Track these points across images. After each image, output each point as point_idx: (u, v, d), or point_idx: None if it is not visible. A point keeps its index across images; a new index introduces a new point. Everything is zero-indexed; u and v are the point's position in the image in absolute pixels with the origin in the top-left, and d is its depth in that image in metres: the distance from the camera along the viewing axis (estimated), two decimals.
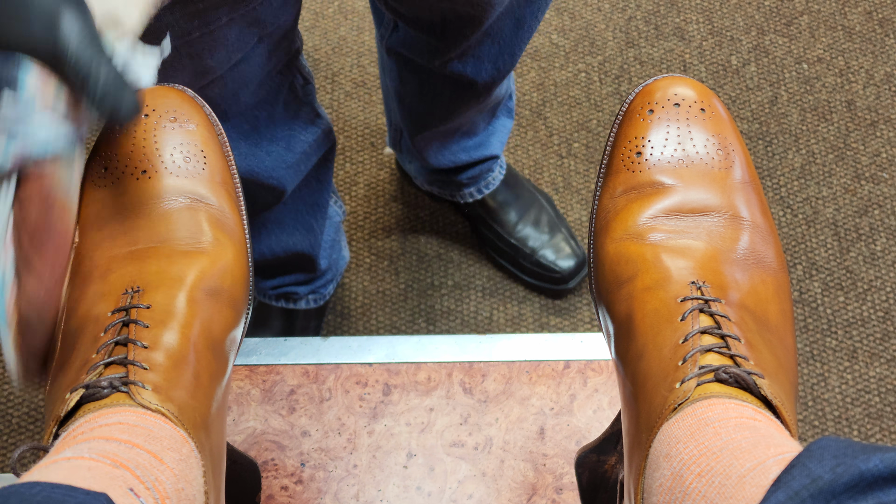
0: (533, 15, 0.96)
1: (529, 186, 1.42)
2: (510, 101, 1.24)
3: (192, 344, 0.52)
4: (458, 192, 1.36)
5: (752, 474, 0.43)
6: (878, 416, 1.35)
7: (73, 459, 0.44)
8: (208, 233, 0.56)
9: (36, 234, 0.49)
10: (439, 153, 1.23)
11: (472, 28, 0.92)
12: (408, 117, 1.17)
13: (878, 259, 1.45)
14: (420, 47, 1.00)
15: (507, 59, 1.00)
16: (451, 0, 0.87)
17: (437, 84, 1.05)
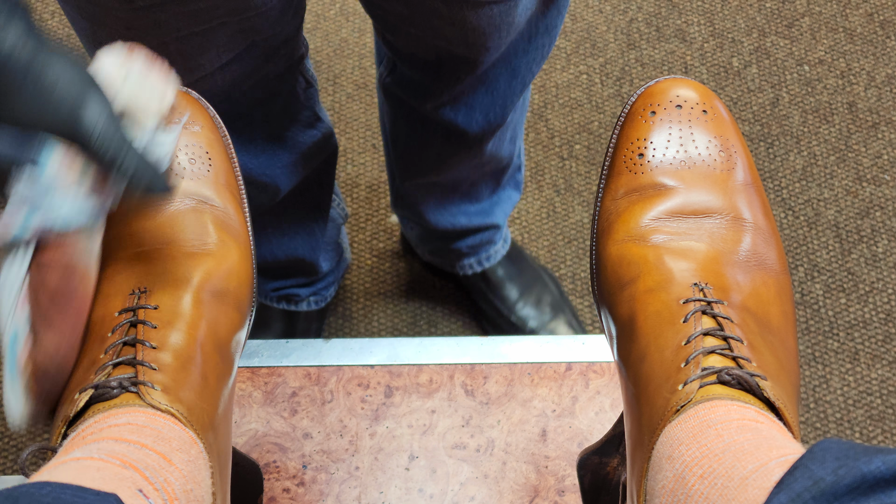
0: (528, 67, 0.96)
1: (534, 263, 1.37)
2: (518, 174, 1.22)
3: (199, 345, 0.52)
4: (457, 263, 1.32)
5: (755, 476, 0.43)
6: (880, 418, 1.35)
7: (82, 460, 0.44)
8: (213, 234, 0.56)
9: (56, 297, 0.51)
10: (437, 212, 1.21)
11: (467, 71, 0.92)
12: (399, 161, 1.16)
13: (880, 261, 1.45)
14: (414, 88, 1.00)
15: (497, 111, 1.00)
16: (446, 39, 0.87)
17: (430, 129, 1.04)
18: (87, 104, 0.47)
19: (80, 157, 0.49)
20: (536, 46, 0.94)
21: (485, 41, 0.87)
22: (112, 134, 0.48)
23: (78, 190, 0.49)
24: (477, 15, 0.83)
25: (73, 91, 0.47)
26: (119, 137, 0.48)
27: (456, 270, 1.34)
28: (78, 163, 0.49)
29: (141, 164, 0.48)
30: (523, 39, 0.92)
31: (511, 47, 0.91)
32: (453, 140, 1.04)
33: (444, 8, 0.82)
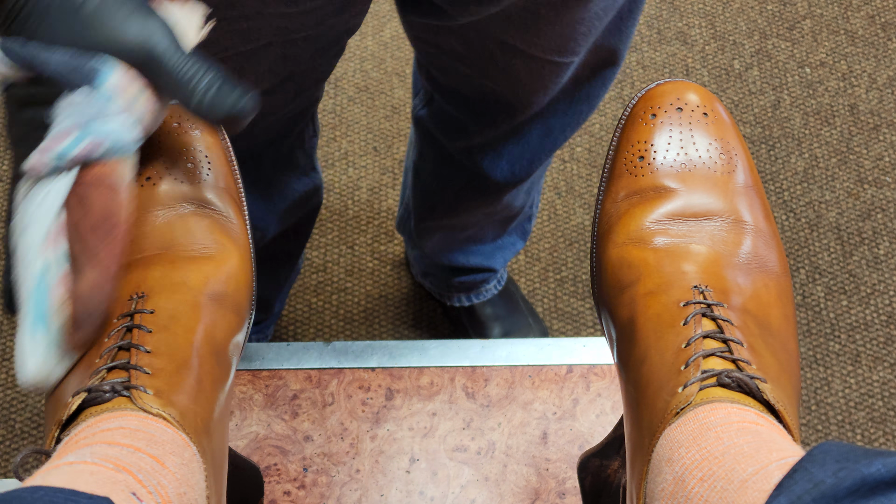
0: (562, 129, 0.95)
1: (524, 307, 1.36)
2: (528, 224, 1.21)
3: (195, 349, 0.52)
4: (447, 294, 1.32)
5: (755, 479, 0.43)
6: (881, 420, 1.35)
7: (75, 464, 0.44)
8: (213, 239, 0.56)
9: (102, 224, 0.49)
10: (438, 247, 1.21)
11: (505, 118, 0.91)
12: (419, 196, 1.15)
13: (882, 263, 1.45)
14: (448, 125, 0.99)
15: (524, 165, 0.99)
16: (495, 81, 0.86)
17: (454, 170, 1.04)
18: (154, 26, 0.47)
19: (136, 80, 0.47)
20: (575, 112, 0.94)
21: (529, 95, 0.87)
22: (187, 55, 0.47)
23: (130, 114, 0.48)
24: (528, 68, 0.82)
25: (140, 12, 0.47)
26: (194, 58, 0.47)
27: (444, 300, 1.34)
28: (134, 86, 0.47)
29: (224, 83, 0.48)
30: (565, 102, 0.92)
31: (551, 106, 0.91)
32: (475, 185, 1.03)
33: (498, 52, 0.81)
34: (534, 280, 1.44)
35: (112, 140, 0.48)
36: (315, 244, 1.46)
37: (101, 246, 0.49)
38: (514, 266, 1.45)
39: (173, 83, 0.47)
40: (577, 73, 0.88)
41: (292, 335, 1.41)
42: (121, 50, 0.47)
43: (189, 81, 0.47)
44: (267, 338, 1.31)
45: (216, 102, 0.48)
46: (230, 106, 0.48)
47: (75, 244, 0.48)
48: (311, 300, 1.43)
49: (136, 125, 0.48)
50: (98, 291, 0.49)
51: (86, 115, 0.47)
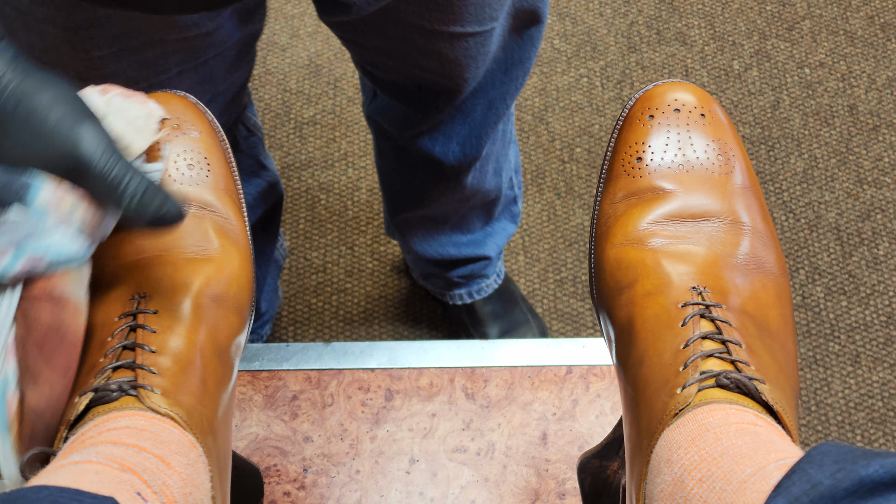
0: (502, 98, 0.97)
1: (523, 305, 1.37)
2: (514, 206, 1.22)
3: (199, 349, 0.52)
4: (447, 292, 1.32)
5: (753, 480, 0.43)
6: (881, 420, 1.35)
7: (80, 463, 0.44)
8: (214, 240, 0.56)
9: (47, 340, 0.49)
10: (425, 242, 1.21)
11: (447, 100, 0.93)
12: (387, 192, 1.17)
13: (881, 263, 1.45)
14: (394, 117, 1.00)
15: (473, 143, 1.00)
16: (423, 68, 0.88)
17: (411, 161, 1.05)
18: (84, 131, 0.45)
19: (70, 192, 0.46)
20: (511, 78, 0.95)
21: (462, 72, 0.88)
22: (115, 159, 0.46)
23: (68, 226, 0.47)
24: (452, 47, 0.84)
25: (69, 118, 0.45)
26: (122, 162, 0.46)
27: (445, 299, 1.34)
28: (68, 198, 0.46)
29: (150, 188, 0.47)
30: (500, 71, 0.93)
31: (488, 78, 0.93)
32: (431, 171, 1.05)
33: (420, 40, 0.82)
34: (533, 281, 1.44)
35: (53, 254, 0.47)
36: (315, 245, 1.47)
37: (45, 363, 0.48)
38: (514, 266, 1.45)
39: (101, 190, 0.46)
40: (504, 41, 0.89)
41: (292, 336, 1.41)
42: (48, 162, 0.45)
43: (116, 188, 0.46)
44: (262, 338, 1.31)
45: (143, 208, 0.47)
46: (156, 210, 0.47)
47: (22, 364, 0.48)
48: (311, 301, 1.43)
49: (79, 235, 0.47)
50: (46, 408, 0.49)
51: (21, 233, 0.46)
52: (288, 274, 1.45)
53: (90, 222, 0.48)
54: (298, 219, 1.48)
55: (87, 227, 0.48)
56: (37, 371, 0.48)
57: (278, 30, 1.63)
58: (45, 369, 0.48)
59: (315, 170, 1.52)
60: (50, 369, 0.49)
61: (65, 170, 0.46)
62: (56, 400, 0.49)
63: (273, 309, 1.31)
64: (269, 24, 1.64)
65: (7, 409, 0.48)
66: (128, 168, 0.46)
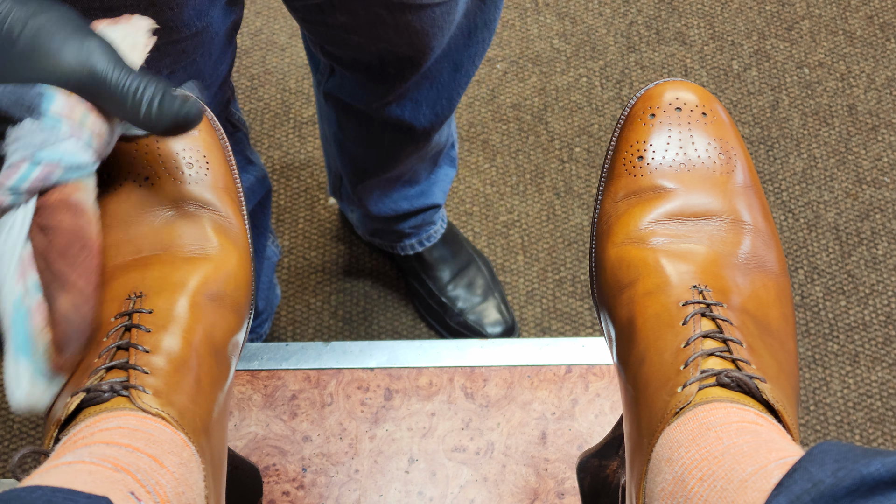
0: (470, 59, 0.97)
1: (468, 247, 1.40)
2: (452, 151, 1.23)
3: (194, 349, 0.52)
4: (398, 244, 1.34)
5: (754, 478, 0.43)
6: (880, 420, 1.35)
7: (73, 464, 0.44)
8: (213, 239, 0.56)
9: (70, 247, 0.50)
10: (380, 201, 1.23)
11: (411, 70, 0.93)
12: (349, 164, 1.17)
13: (880, 263, 1.45)
14: (358, 91, 1.00)
15: (444, 104, 1.01)
16: (389, 42, 0.87)
17: (377, 129, 1.05)
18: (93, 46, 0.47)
19: (81, 102, 0.48)
20: (477, 41, 0.95)
21: (428, 41, 0.88)
22: (127, 70, 0.47)
23: (79, 137, 0.48)
24: (419, 18, 0.84)
25: (76, 35, 0.47)
26: (134, 73, 0.48)
27: (396, 251, 1.36)
28: (80, 107, 0.48)
29: (167, 92, 0.48)
30: (463, 35, 0.93)
31: (452, 43, 0.93)
32: (401, 136, 1.05)
33: (386, 14, 0.82)
34: (532, 280, 1.44)
35: (65, 163, 0.48)
36: (314, 244, 1.46)
37: (71, 269, 0.49)
38: (513, 266, 1.45)
39: (118, 100, 0.48)
40: (467, 7, 0.89)
41: (291, 335, 1.41)
42: (60, 76, 0.47)
43: (133, 96, 0.47)
44: (261, 337, 1.31)
45: (163, 112, 0.48)
46: (177, 113, 0.48)
47: (44, 272, 0.49)
48: (310, 300, 1.43)
49: (88, 147, 0.49)
50: (76, 314, 0.50)
51: (34, 145, 0.47)
52: (287, 273, 1.45)
53: (99, 132, 0.49)
54: (297, 218, 1.48)
55: (96, 137, 0.49)
56: (63, 278, 0.49)
57: (277, 29, 1.63)
58: (71, 274, 0.49)
59: (314, 169, 1.52)
60: (77, 275, 0.50)
61: (77, 84, 0.47)
62: (85, 304, 0.50)
63: (272, 307, 1.31)
64: (269, 24, 1.63)
65: (32, 320, 0.49)
66: (141, 76, 0.48)
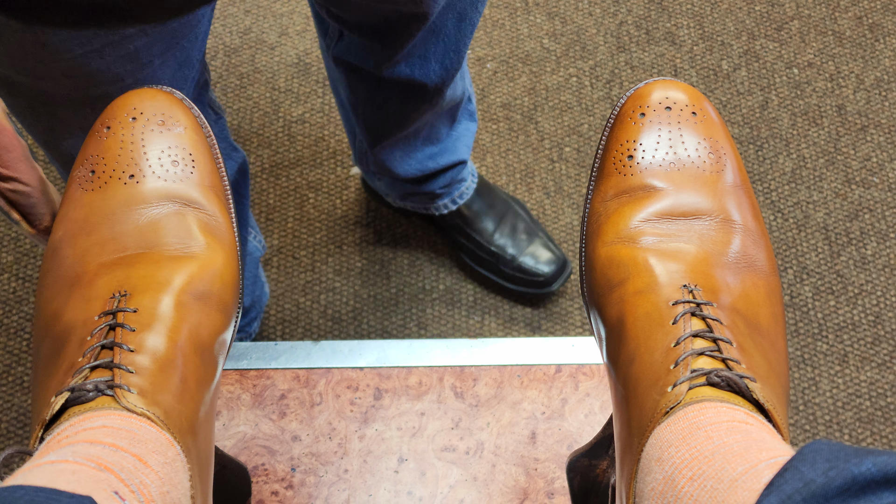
0: (473, 6, 0.96)
1: (502, 194, 1.41)
2: (470, 105, 1.24)
3: (179, 348, 0.51)
4: (431, 205, 1.35)
5: (745, 478, 0.43)
6: (868, 420, 1.35)
7: (57, 463, 0.44)
8: (198, 237, 0.55)
9: None
10: (404, 162, 1.23)
11: (417, 26, 0.92)
12: (364, 128, 1.17)
13: (869, 263, 1.45)
14: (366, 54, 1.00)
15: (452, 57, 1.00)
16: (393, 1, 0.87)
17: (388, 90, 1.05)
18: None
19: None
20: None
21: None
22: None
23: None
24: None
25: None
26: None
27: (431, 212, 1.37)
28: None
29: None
30: None
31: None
32: (413, 95, 1.05)
33: None
34: None
35: None
36: (303, 244, 1.46)
37: None
38: None
39: None
40: None
41: (280, 335, 1.40)
42: None
43: None
44: (250, 336, 1.30)
45: None
46: None
47: None
48: (300, 300, 1.42)
49: None
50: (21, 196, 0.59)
51: None
52: (276, 273, 1.44)
53: None
54: (287, 217, 1.48)
55: None
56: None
57: (267, 28, 1.62)
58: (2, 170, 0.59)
59: (304, 168, 1.51)
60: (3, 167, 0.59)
61: None
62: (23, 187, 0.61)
63: (260, 305, 1.30)
64: (258, 23, 1.63)
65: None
66: None
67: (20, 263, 1.41)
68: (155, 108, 0.57)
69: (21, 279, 1.39)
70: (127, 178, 0.56)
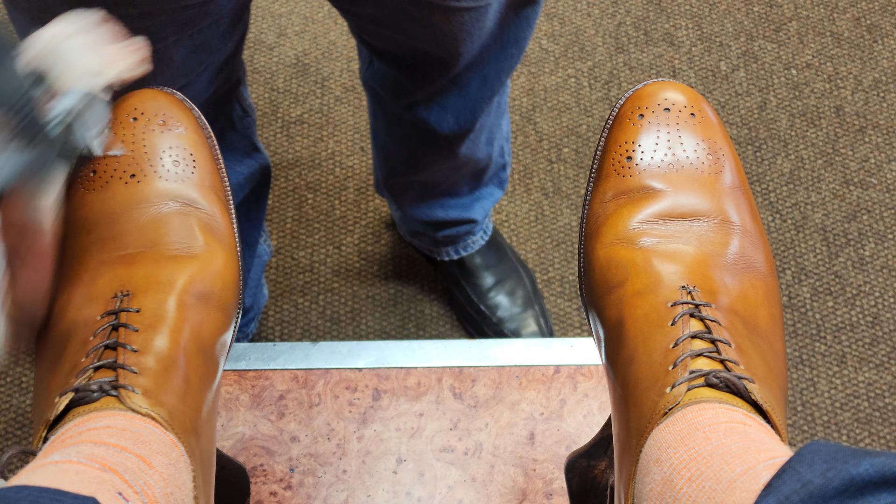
0: (497, 75, 0.97)
1: (513, 256, 1.39)
2: (503, 173, 1.23)
3: (182, 348, 0.52)
4: (435, 249, 1.34)
5: (743, 479, 0.43)
6: (867, 420, 1.35)
7: (61, 463, 0.44)
8: (199, 237, 0.56)
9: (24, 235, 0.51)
10: (415, 203, 1.23)
11: (440, 72, 0.93)
12: (381, 156, 1.18)
13: (867, 264, 1.45)
14: (390, 84, 1.01)
15: (467, 115, 1.01)
16: (417, 39, 0.88)
17: (406, 126, 1.06)
18: None
19: None
20: (507, 56, 0.96)
21: (457, 45, 0.88)
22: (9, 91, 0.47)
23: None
24: (448, 20, 0.84)
25: None
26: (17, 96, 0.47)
27: (434, 255, 1.36)
28: None
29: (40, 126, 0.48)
30: (495, 48, 0.94)
31: (483, 54, 0.93)
32: (426, 140, 1.06)
33: (414, 11, 0.83)
34: None
35: None
36: (302, 244, 1.46)
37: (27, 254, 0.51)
38: None
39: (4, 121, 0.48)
40: (501, 17, 0.89)
41: (279, 335, 1.40)
42: None
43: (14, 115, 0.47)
44: (248, 336, 1.30)
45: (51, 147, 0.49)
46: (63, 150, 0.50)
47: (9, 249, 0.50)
48: (298, 300, 1.42)
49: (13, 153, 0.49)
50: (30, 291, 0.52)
51: None
52: (275, 273, 1.44)
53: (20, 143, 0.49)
54: (286, 218, 1.48)
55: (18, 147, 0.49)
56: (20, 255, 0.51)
57: (266, 28, 1.63)
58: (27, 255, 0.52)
59: (302, 169, 1.52)
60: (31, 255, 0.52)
61: None
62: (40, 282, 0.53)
63: (258, 306, 1.30)
64: (257, 23, 1.63)
65: None
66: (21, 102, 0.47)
67: None
68: (156, 108, 0.57)
69: None
70: (128, 177, 0.56)
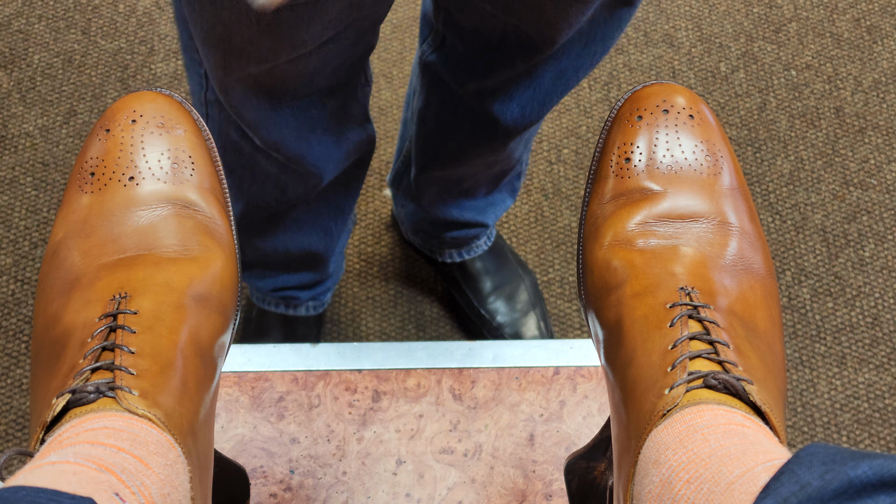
0: (574, 71, 0.95)
1: (514, 260, 1.38)
2: (517, 181, 1.22)
3: (180, 350, 0.52)
4: (438, 250, 1.33)
5: (741, 481, 0.43)
6: (867, 422, 1.35)
7: (58, 464, 0.44)
8: (197, 240, 0.56)
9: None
10: (436, 199, 1.21)
11: (524, 57, 0.91)
12: (421, 145, 1.14)
13: (867, 265, 1.45)
14: (461, 67, 0.98)
15: (535, 107, 0.98)
16: (520, 18, 0.85)
17: (460, 115, 1.03)
18: None
19: None
20: (589, 53, 0.93)
21: (554, 33, 0.86)
22: None
23: None
24: (556, 7, 0.82)
25: None
26: None
27: (435, 256, 1.35)
28: None
29: None
30: (580, 43, 0.91)
31: (565, 47, 0.91)
32: (481, 131, 1.03)
33: None
34: None
35: None
36: None
37: None
38: None
39: None
40: (594, 13, 0.87)
41: None
42: None
43: None
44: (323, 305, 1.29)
45: None
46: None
47: None
48: None
49: None
50: None
51: None
52: None
53: None
54: None
55: None
56: None
57: None
58: None
59: None
60: None
61: None
62: None
63: (337, 276, 1.29)
64: None
65: None
66: None
67: (19, 266, 1.41)
68: (154, 110, 0.57)
69: (20, 281, 1.39)
70: (126, 180, 0.56)
